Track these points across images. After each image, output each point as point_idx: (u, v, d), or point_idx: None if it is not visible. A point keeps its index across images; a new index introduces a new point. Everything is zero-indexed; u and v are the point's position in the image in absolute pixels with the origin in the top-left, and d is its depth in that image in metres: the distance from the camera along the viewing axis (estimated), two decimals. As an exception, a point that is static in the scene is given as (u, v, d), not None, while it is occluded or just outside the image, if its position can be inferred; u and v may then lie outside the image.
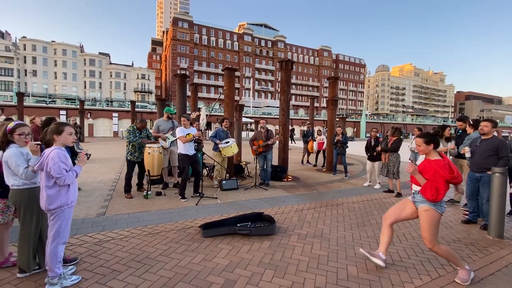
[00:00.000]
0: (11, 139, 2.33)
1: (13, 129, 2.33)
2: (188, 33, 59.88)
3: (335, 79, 9.25)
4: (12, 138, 2.33)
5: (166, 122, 5.95)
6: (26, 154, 2.37)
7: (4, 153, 2.30)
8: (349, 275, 2.58)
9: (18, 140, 2.35)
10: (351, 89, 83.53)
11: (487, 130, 3.93)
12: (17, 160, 2.27)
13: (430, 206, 2.40)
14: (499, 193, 3.50)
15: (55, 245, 2.24)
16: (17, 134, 2.34)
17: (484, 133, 3.96)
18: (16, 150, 2.31)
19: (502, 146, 3.77)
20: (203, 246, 3.10)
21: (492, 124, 3.94)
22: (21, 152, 2.33)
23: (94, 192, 5.44)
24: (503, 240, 3.51)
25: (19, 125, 2.37)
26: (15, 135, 2.33)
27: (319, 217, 4.27)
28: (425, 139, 2.50)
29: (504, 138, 4.93)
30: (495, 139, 3.93)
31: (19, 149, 2.34)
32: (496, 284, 2.48)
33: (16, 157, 2.28)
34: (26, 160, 2.35)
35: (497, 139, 3.91)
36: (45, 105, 31.82)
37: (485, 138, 3.97)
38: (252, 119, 37.98)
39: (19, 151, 2.32)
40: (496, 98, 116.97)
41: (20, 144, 2.36)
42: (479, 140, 4.04)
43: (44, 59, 54.91)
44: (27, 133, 2.39)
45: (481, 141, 4.01)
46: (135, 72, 62.70)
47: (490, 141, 3.90)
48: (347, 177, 7.81)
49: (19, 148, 2.35)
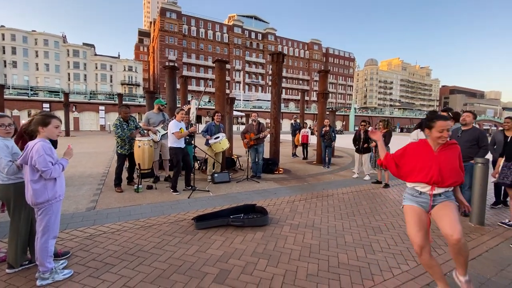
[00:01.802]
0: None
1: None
2: (176, 24, 58.39)
3: (326, 72, 9.31)
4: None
5: (156, 115, 5.85)
6: (11, 147, 2.29)
7: None
8: (340, 262, 2.67)
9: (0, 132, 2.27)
10: (341, 82, 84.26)
11: (469, 120, 4.13)
12: (1, 152, 2.20)
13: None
14: (481, 183, 3.67)
15: (45, 240, 2.20)
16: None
17: (466, 123, 4.16)
18: (1, 143, 2.23)
19: (482, 136, 3.99)
20: (196, 238, 3.12)
21: (473, 115, 4.17)
22: (6, 145, 2.25)
23: (82, 187, 5.33)
24: (484, 227, 3.70)
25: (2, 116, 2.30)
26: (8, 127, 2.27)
27: (310, 208, 4.35)
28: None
29: (486, 131, 5.17)
30: (476, 129, 4.14)
31: (4, 141, 2.26)
32: (478, 268, 2.63)
33: (0, 149, 2.20)
34: (11, 154, 2.27)
35: (477, 130, 4.13)
36: (27, 98, 30.60)
37: (466, 129, 4.16)
38: (243, 112, 37.84)
39: (4, 143, 2.24)
40: (478, 93, 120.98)
41: (2, 135, 2.28)
42: (460, 131, 4.22)
43: (24, 49, 52.41)
44: (7, 124, 2.31)
45: (462, 132, 4.19)
46: (122, 64, 60.88)
47: (471, 132, 4.10)
48: (329, 168, 8.12)
49: (4, 140, 2.27)
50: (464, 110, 4.43)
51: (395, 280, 2.37)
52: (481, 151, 3.93)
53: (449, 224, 1.91)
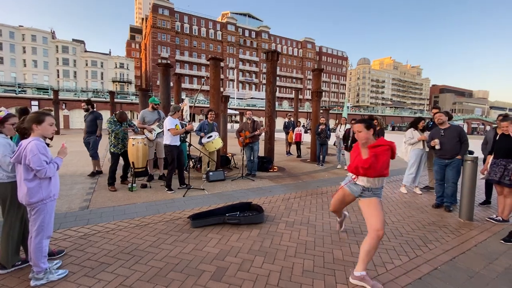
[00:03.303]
0: (1, 128, 2.29)
1: (5, 118, 2.30)
2: (169, 20, 57.65)
3: (320, 71, 9.36)
4: (2, 127, 2.28)
5: (151, 113, 5.80)
6: (12, 146, 2.28)
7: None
8: (335, 258, 2.72)
9: (9, 130, 2.33)
10: (334, 81, 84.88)
11: (444, 119, 4.34)
12: (4, 150, 2.20)
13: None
14: (470, 179, 3.78)
15: (39, 240, 2.17)
16: (10, 123, 2.32)
17: (442, 122, 4.35)
18: (4, 140, 2.23)
19: (463, 132, 4.25)
20: (192, 236, 3.12)
21: (445, 114, 4.40)
22: (8, 143, 2.25)
23: (75, 186, 5.24)
24: (473, 222, 3.82)
25: (10, 115, 2.35)
26: (6, 125, 2.30)
27: (305, 205, 4.40)
28: (365, 124, 2.35)
29: (473, 129, 5.33)
30: (457, 126, 4.35)
31: (6, 140, 2.26)
32: (466, 262, 2.72)
33: (3, 147, 2.20)
34: (12, 152, 2.25)
35: (458, 127, 4.34)
36: (15, 95, 29.79)
37: (445, 127, 4.34)
38: (237, 110, 37.77)
39: (6, 141, 2.25)
40: (467, 92, 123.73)
41: (10, 134, 2.35)
42: (442, 131, 4.35)
43: (11, 45, 50.84)
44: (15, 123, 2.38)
45: (444, 131, 4.33)
46: (113, 61, 59.81)
47: (453, 129, 4.28)
48: (322, 166, 8.22)
49: (6, 138, 2.28)
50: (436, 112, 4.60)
51: (388, 275, 2.43)
52: (463, 146, 4.17)
53: (379, 220, 2.26)
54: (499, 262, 2.73)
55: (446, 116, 4.39)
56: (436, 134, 4.45)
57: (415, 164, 5.23)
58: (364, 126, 2.35)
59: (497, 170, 3.72)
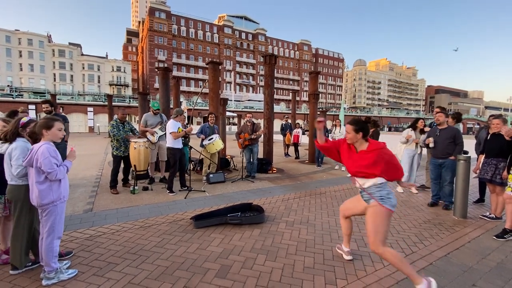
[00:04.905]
0: (22, 133, 2.39)
1: (27, 123, 2.41)
2: (165, 24, 57.82)
3: (316, 73, 9.52)
4: (23, 132, 2.40)
5: (153, 117, 5.89)
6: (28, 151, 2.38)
7: (11, 145, 2.32)
8: (334, 255, 2.82)
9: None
10: (330, 83, 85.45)
11: (442, 119, 4.46)
12: (21, 153, 2.30)
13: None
14: (463, 178, 3.91)
15: (50, 240, 2.25)
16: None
17: (440, 122, 4.48)
18: (24, 144, 2.35)
19: (458, 134, 4.34)
20: (196, 236, 3.21)
21: (444, 115, 4.52)
22: (27, 148, 2.32)
23: (77, 189, 5.30)
24: (467, 219, 3.94)
25: (32, 121, 2.47)
26: (28, 129, 2.39)
27: (304, 205, 4.51)
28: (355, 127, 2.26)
29: (469, 129, 5.48)
30: (453, 128, 4.47)
31: (26, 144, 2.34)
32: (460, 257, 2.83)
33: (21, 150, 2.31)
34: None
35: (454, 128, 4.46)
36: (12, 99, 29.62)
37: (443, 128, 4.47)
38: (235, 113, 37.89)
39: (26, 146, 2.34)
40: (462, 92, 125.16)
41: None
42: (438, 130, 4.49)
43: (7, 49, 50.68)
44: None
45: (440, 131, 4.47)
46: (110, 64, 59.81)
47: (448, 130, 4.41)
48: (321, 167, 8.36)
49: (27, 143, 2.38)
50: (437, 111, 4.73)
51: (386, 270, 2.54)
52: (457, 147, 4.28)
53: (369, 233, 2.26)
54: (492, 257, 2.85)
55: (445, 117, 4.50)
56: (432, 133, 4.59)
57: (407, 164, 5.36)
58: (353, 129, 2.26)
59: (488, 169, 3.86)
